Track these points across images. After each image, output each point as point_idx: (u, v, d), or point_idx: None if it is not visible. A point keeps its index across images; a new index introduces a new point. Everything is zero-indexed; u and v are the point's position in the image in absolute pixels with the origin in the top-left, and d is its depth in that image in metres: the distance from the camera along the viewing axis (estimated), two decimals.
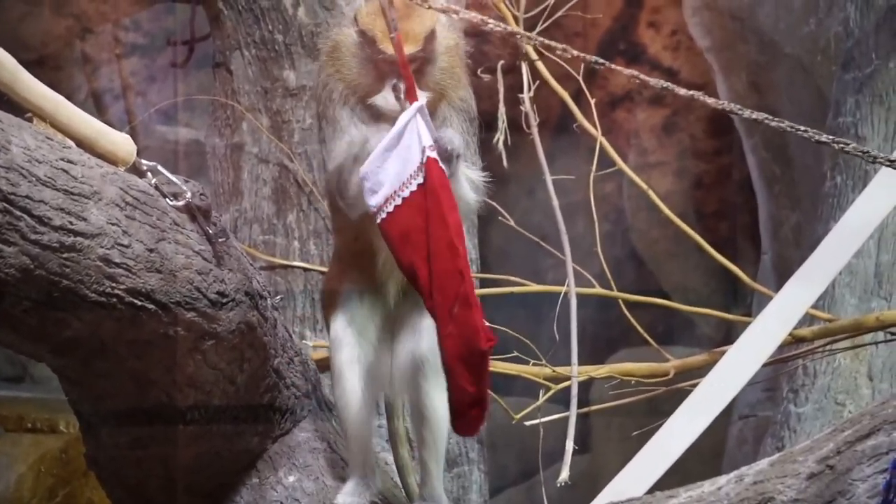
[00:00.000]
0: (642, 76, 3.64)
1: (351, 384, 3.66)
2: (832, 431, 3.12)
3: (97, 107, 8.32)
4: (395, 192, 3.40)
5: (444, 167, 3.44)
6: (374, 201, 3.41)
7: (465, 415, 3.42)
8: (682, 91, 3.66)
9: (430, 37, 3.57)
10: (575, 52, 3.71)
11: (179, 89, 7.79)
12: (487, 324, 3.34)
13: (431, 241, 3.36)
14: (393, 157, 3.42)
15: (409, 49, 3.51)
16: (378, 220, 3.42)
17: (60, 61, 8.17)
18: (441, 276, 3.35)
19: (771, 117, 3.60)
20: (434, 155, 3.40)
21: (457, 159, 3.49)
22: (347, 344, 3.67)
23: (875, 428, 3.01)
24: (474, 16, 3.64)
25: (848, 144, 3.68)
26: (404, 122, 3.43)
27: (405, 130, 3.43)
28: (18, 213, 3.06)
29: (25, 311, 3.18)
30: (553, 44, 3.78)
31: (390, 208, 3.40)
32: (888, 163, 3.67)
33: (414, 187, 3.39)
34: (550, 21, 5.22)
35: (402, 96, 3.49)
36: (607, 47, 8.98)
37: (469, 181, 3.64)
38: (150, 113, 7.88)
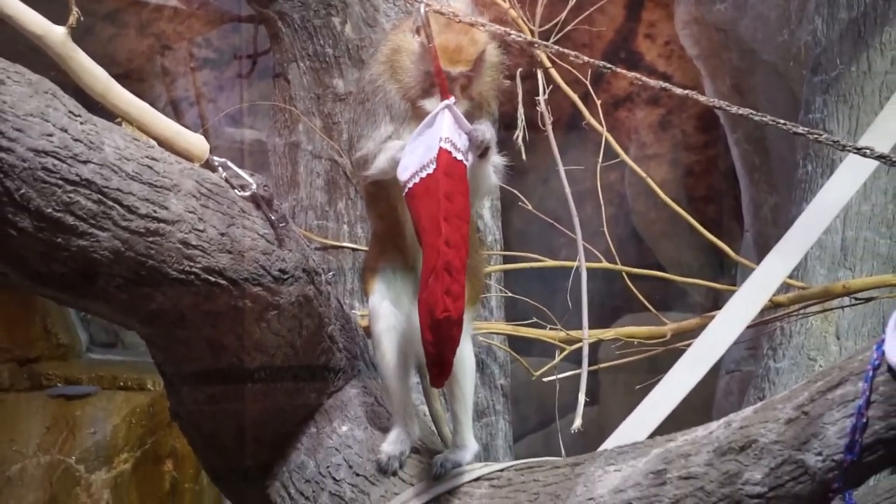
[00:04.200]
0: (644, 78, 3.64)
1: (389, 348, 3.65)
2: (806, 382, 3.11)
3: (175, 112, 8.32)
4: (416, 171, 3.38)
5: (471, 156, 3.44)
6: (402, 177, 3.41)
7: (429, 368, 3.41)
8: (679, 90, 3.66)
9: (480, 57, 3.55)
10: (586, 59, 3.71)
11: (244, 96, 7.80)
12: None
13: (429, 222, 3.35)
14: (421, 142, 3.42)
15: (461, 68, 3.48)
16: (404, 192, 3.41)
17: (143, 74, 8.18)
18: (426, 249, 3.32)
19: (755, 112, 3.60)
20: (447, 146, 3.39)
21: (488, 149, 3.49)
22: (384, 314, 3.66)
23: (843, 379, 3.00)
24: (499, 28, 3.62)
25: (821, 134, 3.68)
26: (434, 115, 3.43)
27: (434, 121, 3.43)
28: (111, 203, 3.07)
29: (118, 288, 3.20)
30: (567, 51, 3.78)
31: (411, 185, 3.38)
32: (855, 150, 3.66)
33: (430, 170, 3.38)
34: (562, 34, 5.20)
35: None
36: (610, 56, 8.93)
37: (494, 165, 3.62)
38: (220, 117, 7.88)
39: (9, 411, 6.39)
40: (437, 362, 3.35)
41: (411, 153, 3.42)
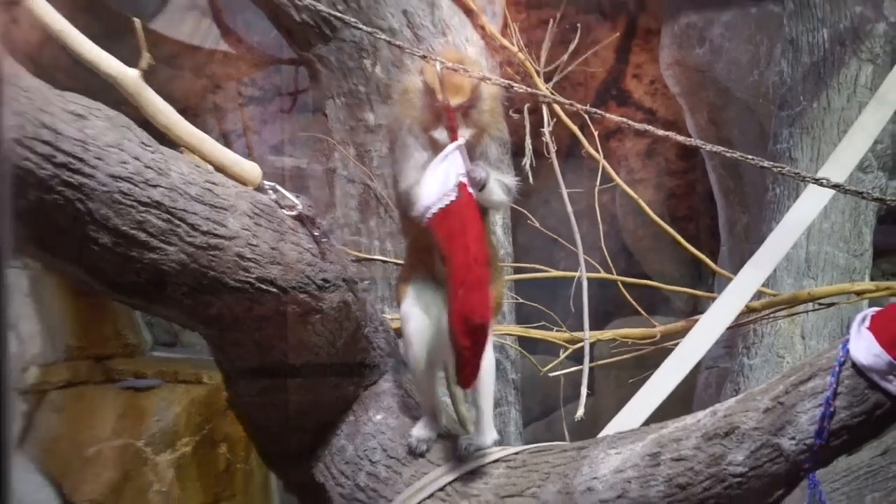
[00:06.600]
0: (630, 122, 3.62)
1: (419, 347, 3.64)
2: (781, 377, 3.12)
3: (225, 143, 8.29)
4: (438, 199, 3.39)
5: (472, 190, 3.44)
6: (423, 203, 3.42)
7: (462, 370, 3.41)
8: (661, 132, 3.64)
9: (476, 88, 3.54)
10: (579, 106, 3.73)
11: (286, 129, 7.81)
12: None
13: (454, 242, 3.35)
14: (437, 176, 3.42)
15: (459, 100, 3.48)
16: (426, 219, 3.41)
17: (198, 110, 8.19)
18: (458, 266, 3.32)
19: (726, 150, 3.59)
20: (464, 180, 3.41)
21: (483, 187, 3.47)
22: (414, 318, 3.65)
23: (814, 374, 3.01)
24: (504, 81, 3.61)
25: (784, 168, 3.68)
26: (446, 154, 3.43)
27: (447, 159, 3.43)
28: (177, 221, 3.09)
29: (183, 295, 3.21)
30: (563, 101, 3.81)
31: (435, 210, 3.39)
32: (813, 180, 3.66)
33: (449, 201, 3.39)
34: (562, 75, 5.22)
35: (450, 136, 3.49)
36: (603, 93, 8.94)
37: (503, 186, 3.61)
38: (265, 148, 7.89)
39: (87, 402, 6.41)
40: (469, 364, 3.36)
41: (430, 184, 3.43)
